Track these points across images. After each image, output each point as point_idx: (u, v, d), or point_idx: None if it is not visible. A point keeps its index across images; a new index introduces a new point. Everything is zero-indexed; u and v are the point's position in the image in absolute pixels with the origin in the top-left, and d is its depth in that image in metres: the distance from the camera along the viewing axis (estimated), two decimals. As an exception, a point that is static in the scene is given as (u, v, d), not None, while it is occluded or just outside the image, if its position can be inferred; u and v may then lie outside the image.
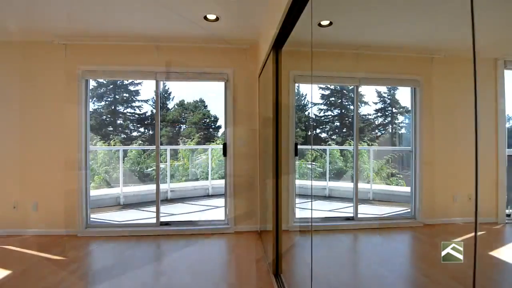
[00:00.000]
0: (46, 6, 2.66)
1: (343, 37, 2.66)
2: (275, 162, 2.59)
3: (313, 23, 2.00)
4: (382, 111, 3.92)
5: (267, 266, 2.66)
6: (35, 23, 3.02)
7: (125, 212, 4.79)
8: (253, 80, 3.59)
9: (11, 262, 2.69)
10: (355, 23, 2.44)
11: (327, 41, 2.62)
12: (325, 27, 2.54)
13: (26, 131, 3.46)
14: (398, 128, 3.83)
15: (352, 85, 3.80)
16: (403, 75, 2.14)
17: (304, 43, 2.45)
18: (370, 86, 3.80)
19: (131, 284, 2.32)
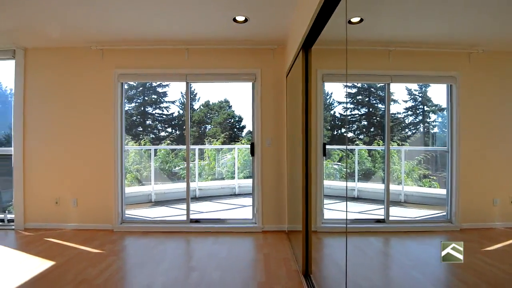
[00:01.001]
0: (85, 14, 2.83)
1: (374, 33, 2.58)
2: (305, 162, 2.57)
3: (344, 20, 1.97)
4: (413, 110, 3.78)
5: (296, 266, 2.65)
6: (74, 30, 3.22)
7: (156, 209, 4.99)
8: (280, 80, 3.59)
9: (54, 254, 2.89)
10: (387, 19, 2.37)
11: (357, 38, 2.56)
12: (355, 24, 2.48)
13: (66, 132, 3.71)
14: (431, 127, 3.68)
15: (383, 82, 3.68)
16: (438, 72, 2.04)
17: (334, 41, 2.42)
18: (402, 83, 3.68)
19: (164, 278, 2.41)
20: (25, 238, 3.37)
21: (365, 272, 2.27)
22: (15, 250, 3.00)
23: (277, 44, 3.53)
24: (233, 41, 3.49)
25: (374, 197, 4.16)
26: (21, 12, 2.75)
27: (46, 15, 2.84)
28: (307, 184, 2.59)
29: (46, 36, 3.37)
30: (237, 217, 3.91)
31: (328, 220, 3.10)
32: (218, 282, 2.34)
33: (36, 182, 3.71)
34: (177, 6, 2.69)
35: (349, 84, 3.38)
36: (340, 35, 2.31)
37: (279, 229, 3.57)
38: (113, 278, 2.43)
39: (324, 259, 2.68)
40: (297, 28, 2.63)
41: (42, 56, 3.72)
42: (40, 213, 3.70)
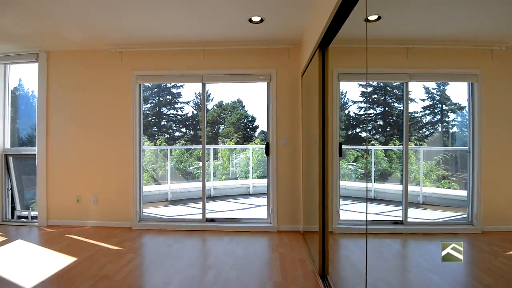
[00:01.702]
0: (104, 17, 2.91)
1: (393, 31, 2.53)
2: (322, 162, 2.56)
3: (361, 18, 1.95)
4: (431, 109, 3.67)
5: (312, 266, 2.63)
6: (95, 33, 3.32)
7: (172, 208, 5.08)
8: (295, 80, 3.57)
9: (76, 250, 2.99)
10: (405, 16, 2.32)
11: (375, 36, 2.52)
12: (373, 22, 2.44)
13: (87, 132, 3.83)
14: (449, 127, 3.57)
15: (401, 81, 3.60)
16: (459, 70, 1.98)
17: (351, 40, 2.39)
18: (421, 82, 3.58)
19: (182, 276, 2.45)
20: (48, 235, 3.50)
21: (383, 274, 2.23)
22: (39, 246, 3.12)
23: (292, 44, 3.52)
24: (248, 41, 3.51)
25: (391, 198, 4.08)
26: (45, 17, 2.86)
27: (68, 19, 2.94)
28: (324, 184, 2.57)
29: (68, 40, 3.48)
30: (252, 216, 3.92)
31: (344, 221, 3.07)
32: (235, 281, 2.36)
33: (59, 180, 3.85)
34: (193, 8, 2.72)
35: (364, 83, 3.33)
36: (358, 34, 2.28)
37: (294, 229, 3.56)
38: (132, 274, 2.49)
39: (341, 261, 2.65)
40: (313, 27, 2.62)
41: (63, 59, 3.85)
42: (62, 210, 3.84)
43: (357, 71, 2.92)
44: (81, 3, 2.61)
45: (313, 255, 2.72)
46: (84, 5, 2.64)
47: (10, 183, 4.07)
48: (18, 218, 4.07)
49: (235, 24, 3.05)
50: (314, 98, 2.75)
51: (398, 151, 3.40)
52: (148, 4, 2.63)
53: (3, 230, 3.70)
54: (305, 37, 3.21)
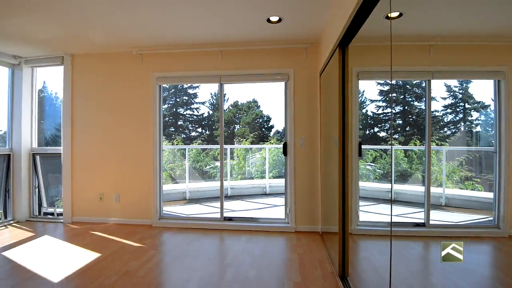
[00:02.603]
0: (126, 21, 2.99)
1: (415, 28, 2.47)
2: (342, 162, 2.52)
3: (382, 15, 1.91)
4: (452, 107, 3.54)
5: (331, 268, 2.61)
6: (117, 36, 3.42)
7: (190, 206, 5.16)
8: (313, 79, 3.54)
9: (100, 246, 3.09)
10: (428, 12, 2.26)
11: (396, 33, 2.46)
12: (393, 19, 2.39)
13: (109, 132, 3.95)
14: (473, 126, 3.42)
15: (423, 79, 3.50)
16: (485, 67, 1.90)
17: (372, 38, 2.34)
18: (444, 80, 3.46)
19: (202, 273, 2.49)
20: (73, 231, 3.64)
21: (405, 277, 2.18)
22: (65, 242, 3.25)
23: (310, 43, 3.50)
24: (266, 41, 3.51)
25: (412, 200, 3.97)
26: (70, 21, 2.98)
27: (92, 23, 3.04)
28: (344, 185, 2.54)
29: (92, 43, 3.61)
30: (269, 216, 3.92)
31: (363, 223, 3.02)
32: (254, 280, 2.37)
33: (82, 179, 3.99)
34: (212, 10, 2.75)
35: (382, 82, 3.28)
36: (379, 31, 2.24)
37: (312, 230, 3.53)
38: (154, 271, 2.55)
39: (362, 262, 2.61)
40: (332, 26, 2.59)
41: (87, 61, 4.00)
42: (85, 208, 3.99)
43: (377, 69, 2.86)
44: (105, 8, 2.69)
45: (333, 256, 2.69)
46: (107, 9, 2.72)
47: (37, 181, 4.26)
48: (44, 215, 4.26)
49: (253, 24, 3.06)
50: (333, 97, 2.72)
51: (418, 151, 3.31)
52: (169, 7, 2.68)
53: (30, 226, 3.87)
54: (323, 35, 3.17)
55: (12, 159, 4.08)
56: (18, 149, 4.08)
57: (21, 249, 3.03)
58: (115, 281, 2.33)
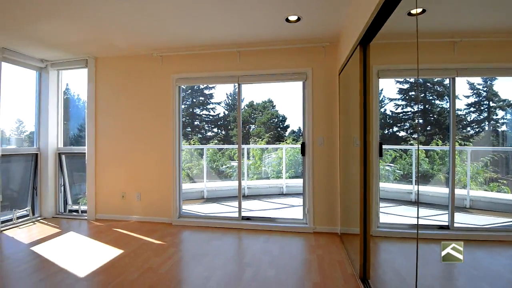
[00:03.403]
0: (147, 24, 3.07)
1: (438, 24, 2.39)
2: (363, 162, 2.48)
3: (404, 12, 1.87)
4: (476, 106, 3.37)
5: (351, 269, 2.57)
6: (138, 39, 3.51)
7: (208, 205, 5.23)
8: (332, 78, 3.50)
9: (122, 243, 3.18)
10: (453, 8, 2.18)
11: (420, 30, 2.40)
12: (418, 16, 2.33)
13: (131, 132, 4.06)
14: (498, 125, 3.25)
15: (447, 77, 3.38)
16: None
17: (394, 35, 2.29)
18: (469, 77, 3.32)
19: (222, 272, 2.51)
20: (96, 228, 3.76)
21: (429, 281, 2.12)
22: (89, 238, 3.37)
23: (329, 42, 3.46)
24: (284, 41, 3.50)
25: (435, 202, 3.84)
26: (95, 25, 3.08)
27: (115, 27, 3.13)
28: (365, 185, 2.49)
29: (114, 46, 3.72)
30: (287, 216, 3.91)
31: (384, 224, 2.95)
32: (273, 279, 2.37)
33: (106, 177, 4.13)
34: (230, 11, 2.77)
35: (400, 80, 3.20)
36: (401, 28, 2.19)
37: (331, 231, 3.49)
38: (175, 268, 2.60)
39: (383, 265, 2.56)
40: (353, 23, 2.55)
41: (109, 64, 4.13)
42: (108, 205, 4.12)
43: (398, 67, 2.80)
44: (128, 12, 2.77)
45: (353, 258, 2.65)
46: (130, 13, 2.80)
47: (62, 179, 4.43)
48: (69, 212, 4.43)
49: (271, 24, 3.06)
50: (353, 96, 2.68)
51: (440, 151, 3.21)
52: (189, 9, 2.72)
53: (56, 222, 4.04)
54: (343, 34, 3.13)
55: (40, 158, 4.27)
56: (45, 148, 4.26)
57: (48, 244, 3.17)
58: (138, 277, 2.40)
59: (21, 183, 4.14)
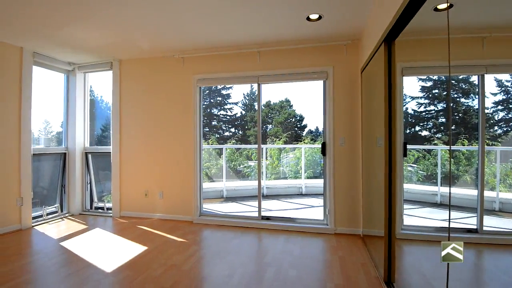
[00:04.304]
0: (169, 27, 3.14)
1: (466, 19, 2.30)
2: (388, 163, 2.42)
3: (430, 7, 1.81)
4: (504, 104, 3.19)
5: (375, 272, 2.51)
6: (161, 42, 3.59)
7: (227, 204, 5.28)
8: (354, 76, 3.44)
9: (146, 240, 3.27)
10: (481, 2, 2.08)
11: (444, 26, 2.31)
12: (442, 11, 2.25)
13: (154, 132, 4.17)
14: None
15: (476, 73, 3.23)
16: None
17: (420, 31, 2.22)
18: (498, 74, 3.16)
19: (243, 270, 2.53)
20: (121, 225, 3.89)
21: (458, 287, 2.04)
22: (114, 235, 3.48)
23: (350, 39, 3.40)
24: (304, 40, 3.48)
25: (461, 204, 3.69)
26: (119, 29, 3.18)
27: (140, 30, 3.23)
28: (390, 187, 2.43)
29: (138, 49, 3.83)
30: (307, 217, 3.87)
31: (408, 227, 2.87)
32: (295, 280, 2.36)
33: (130, 176, 4.26)
34: (251, 11, 2.78)
35: (422, 77, 3.11)
36: (428, 24, 2.13)
37: (353, 232, 3.43)
38: (197, 265, 2.64)
39: (408, 268, 2.48)
40: (377, 20, 2.49)
41: (133, 66, 4.25)
42: (132, 203, 4.25)
43: (423, 64, 2.71)
44: (152, 15, 2.85)
45: (377, 261, 2.59)
46: (154, 17, 2.87)
47: (89, 178, 4.61)
48: (95, 209, 4.60)
49: (292, 23, 3.04)
50: (377, 94, 2.62)
51: (466, 151, 3.08)
52: (208, 10, 2.75)
53: (83, 219, 4.21)
54: (365, 31, 3.07)
55: (68, 157, 4.46)
56: (72, 148, 4.45)
57: (76, 240, 3.30)
58: (162, 274, 2.45)
59: (50, 181, 4.35)
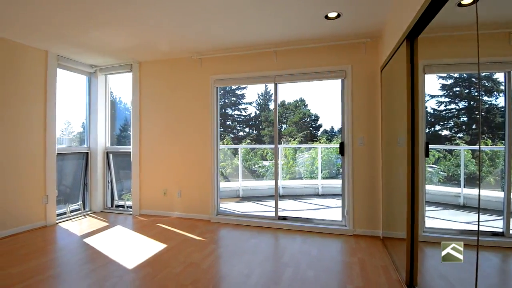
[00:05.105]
0: (187, 29, 3.18)
1: (491, 14, 2.21)
2: (411, 163, 2.36)
3: (454, 3, 1.75)
4: None
5: (396, 275, 2.46)
6: (179, 43, 3.65)
7: (243, 204, 5.30)
8: (373, 75, 3.37)
9: (165, 238, 3.33)
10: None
11: (468, 22, 2.23)
12: (466, 6, 2.17)
13: (172, 132, 4.24)
14: None
15: (501, 70, 3.11)
16: None
17: (443, 28, 2.16)
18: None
19: (261, 270, 2.53)
20: (141, 223, 3.98)
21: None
22: (135, 232, 3.57)
23: (370, 37, 3.34)
24: (322, 38, 3.44)
25: (485, 206, 3.55)
26: (140, 32, 3.26)
27: (159, 33, 3.29)
28: (413, 188, 2.37)
29: (157, 51, 3.91)
30: (324, 217, 3.83)
31: (430, 229, 2.79)
32: (313, 281, 2.34)
33: (149, 175, 4.36)
34: (269, 11, 2.77)
35: (443, 75, 3.03)
36: (452, 20, 2.06)
37: (372, 234, 3.37)
38: (216, 264, 2.67)
39: (431, 272, 2.41)
40: (398, 17, 2.43)
41: (152, 67, 4.34)
42: (151, 201, 4.34)
43: (444, 62, 2.64)
44: (172, 19, 2.90)
45: (398, 263, 2.54)
46: (173, 20, 2.93)
47: (110, 176, 4.74)
48: (115, 207, 4.73)
49: (310, 22, 3.02)
50: (398, 93, 2.56)
51: (490, 151, 2.96)
52: (226, 10, 2.77)
53: (104, 216, 4.34)
54: (386, 28, 3.00)
55: (90, 156, 4.61)
56: (94, 148, 4.59)
57: (98, 237, 3.41)
58: (181, 271, 2.49)
59: (73, 180, 4.51)
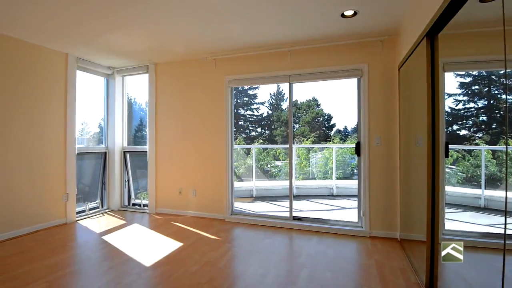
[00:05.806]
0: (202, 30, 3.22)
1: None
2: (431, 164, 2.31)
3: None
4: None
5: (415, 278, 2.40)
6: (194, 45, 3.69)
7: (257, 204, 5.31)
8: (390, 73, 3.31)
9: (181, 236, 3.37)
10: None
11: (487, 18, 2.16)
12: (489, 2, 2.09)
13: (187, 132, 4.30)
14: None
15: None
16: None
17: (463, 24, 2.09)
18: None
19: (277, 270, 2.53)
20: (157, 221, 4.05)
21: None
22: (152, 230, 3.64)
23: (387, 35, 3.27)
24: (337, 37, 3.40)
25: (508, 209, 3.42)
26: (156, 34, 3.32)
27: (175, 35, 3.34)
28: (434, 189, 2.31)
29: (173, 52, 3.97)
30: (339, 218, 3.79)
31: (450, 232, 2.71)
32: (331, 282, 2.32)
33: (165, 174, 4.43)
34: (284, 9, 2.76)
35: (461, 73, 2.95)
36: (475, 16, 2.01)
37: (389, 236, 3.30)
38: (231, 263, 2.68)
39: (451, 275, 2.35)
40: (418, 14, 2.38)
41: (168, 68, 4.41)
42: (167, 200, 4.41)
43: (461, 59, 2.58)
44: (187, 21, 2.94)
45: (416, 266, 2.48)
46: (189, 22, 2.97)
47: (127, 175, 4.85)
48: (132, 205, 4.83)
49: (325, 20, 2.99)
50: (417, 92, 2.50)
51: (511, 152, 2.86)
52: (241, 11, 2.78)
53: (122, 214, 4.44)
54: (404, 25, 2.94)
55: (108, 156, 4.73)
56: (112, 147, 4.71)
57: (116, 234, 3.49)
58: (198, 270, 2.52)
59: (92, 178, 4.63)
